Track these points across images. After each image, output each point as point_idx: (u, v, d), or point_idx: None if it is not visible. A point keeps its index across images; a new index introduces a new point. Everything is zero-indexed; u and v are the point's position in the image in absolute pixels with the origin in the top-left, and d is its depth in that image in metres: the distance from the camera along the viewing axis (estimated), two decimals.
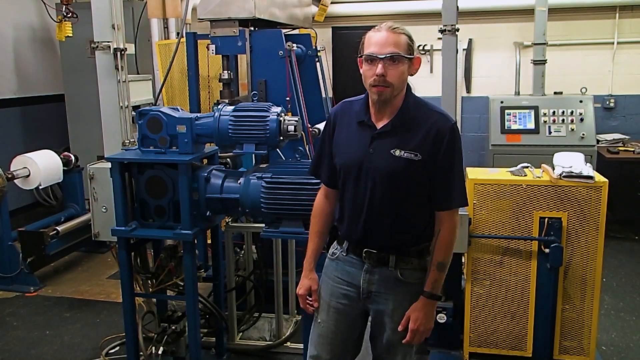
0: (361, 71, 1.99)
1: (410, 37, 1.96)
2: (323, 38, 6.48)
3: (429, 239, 2.05)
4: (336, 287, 2.17)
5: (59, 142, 6.16)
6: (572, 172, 2.98)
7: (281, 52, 3.60)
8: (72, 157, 4.94)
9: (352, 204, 2.08)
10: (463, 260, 3.25)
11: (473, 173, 3.19)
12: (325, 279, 2.21)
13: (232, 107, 2.80)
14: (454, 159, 1.99)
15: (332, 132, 2.14)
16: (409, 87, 2.03)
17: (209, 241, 3.43)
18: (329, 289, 2.19)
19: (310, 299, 2.20)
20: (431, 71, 6.40)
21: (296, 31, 4.34)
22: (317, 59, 4.10)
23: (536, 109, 5.45)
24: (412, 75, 2.00)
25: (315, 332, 2.23)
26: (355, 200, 2.07)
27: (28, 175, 4.45)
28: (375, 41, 1.93)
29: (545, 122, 5.42)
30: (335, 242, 2.21)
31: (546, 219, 3.01)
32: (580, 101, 5.42)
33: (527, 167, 3.17)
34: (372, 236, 2.07)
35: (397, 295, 2.07)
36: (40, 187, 4.62)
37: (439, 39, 3.30)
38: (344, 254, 2.15)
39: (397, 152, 1.97)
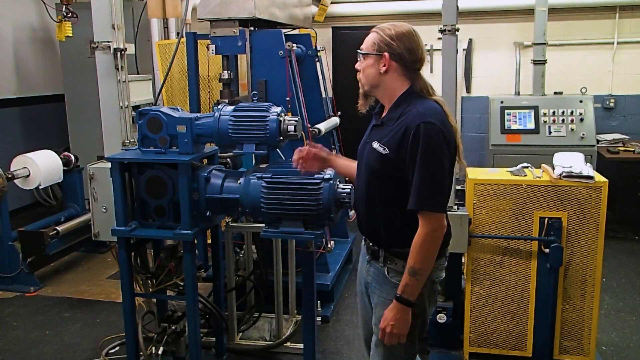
0: None
1: (381, 35, 1.99)
2: (323, 38, 6.48)
3: None
4: (359, 273, 2.30)
5: (59, 142, 6.17)
6: (572, 172, 2.98)
7: (281, 52, 3.60)
8: (72, 157, 4.94)
9: (355, 190, 2.22)
10: (463, 260, 3.25)
11: (473, 173, 3.19)
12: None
13: (232, 107, 2.79)
14: (419, 158, 1.87)
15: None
16: (412, 87, 2.02)
17: (209, 241, 3.43)
18: (358, 274, 2.32)
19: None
20: (431, 71, 6.38)
21: (296, 31, 4.34)
22: (317, 59, 4.11)
23: (536, 109, 5.45)
24: (382, 73, 2.00)
25: None
26: (356, 186, 2.19)
27: (28, 175, 4.44)
28: None
29: (545, 122, 5.42)
30: None
31: (546, 219, 3.01)
32: (580, 101, 5.42)
33: (527, 167, 3.17)
34: (362, 226, 2.17)
35: (382, 292, 2.10)
36: (40, 187, 4.62)
37: (439, 39, 3.29)
38: (364, 243, 2.24)
39: (375, 144, 2.02)
